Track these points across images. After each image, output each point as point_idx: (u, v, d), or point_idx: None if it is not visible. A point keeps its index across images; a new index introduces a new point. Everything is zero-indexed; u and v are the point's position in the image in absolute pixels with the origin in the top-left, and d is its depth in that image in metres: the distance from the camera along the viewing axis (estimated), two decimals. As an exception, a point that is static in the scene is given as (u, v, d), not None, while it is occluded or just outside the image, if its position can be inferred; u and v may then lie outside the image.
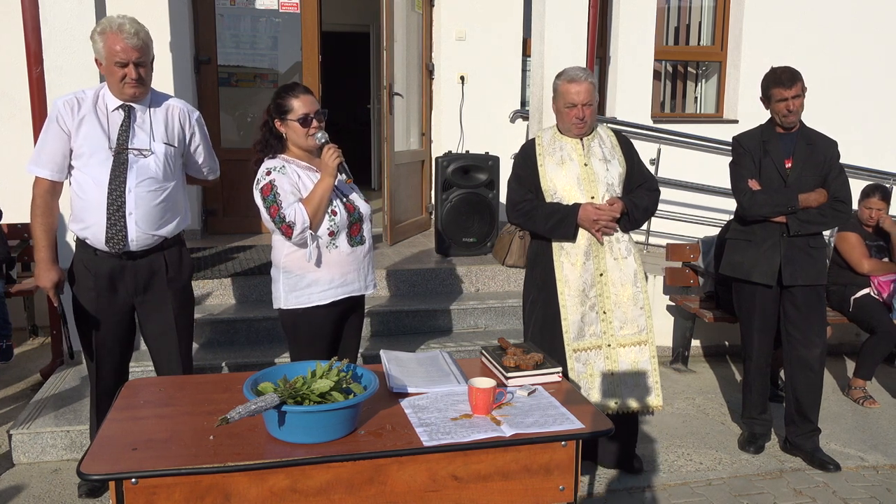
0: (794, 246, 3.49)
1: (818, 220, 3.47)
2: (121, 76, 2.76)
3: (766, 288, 3.55)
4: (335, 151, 2.75)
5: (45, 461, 3.46)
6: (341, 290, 2.89)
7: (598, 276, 3.21)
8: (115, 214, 2.79)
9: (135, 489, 1.72)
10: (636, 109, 6.36)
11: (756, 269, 3.54)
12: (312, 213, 2.74)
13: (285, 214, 2.72)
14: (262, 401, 1.82)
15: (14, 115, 5.08)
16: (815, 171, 3.48)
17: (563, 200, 3.18)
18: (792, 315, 3.57)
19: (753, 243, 3.56)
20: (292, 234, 2.74)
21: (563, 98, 3.13)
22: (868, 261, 4.58)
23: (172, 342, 3.02)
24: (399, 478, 1.87)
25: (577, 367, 3.20)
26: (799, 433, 3.64)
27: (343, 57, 9.97)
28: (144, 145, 2.84)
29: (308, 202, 2.75)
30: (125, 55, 2.73)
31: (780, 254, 3.49)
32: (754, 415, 3.75)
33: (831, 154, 3.52)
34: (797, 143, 3.50)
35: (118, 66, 2.75)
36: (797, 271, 3.48)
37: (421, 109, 6.19)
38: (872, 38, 6.73)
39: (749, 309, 3.64)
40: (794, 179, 3.47)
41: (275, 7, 5.76)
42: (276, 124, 2.85)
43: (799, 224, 3.45)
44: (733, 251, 3.66)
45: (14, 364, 4.47)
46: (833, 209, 3.48)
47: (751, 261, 3.55)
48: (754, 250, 3.55)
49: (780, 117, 3.48)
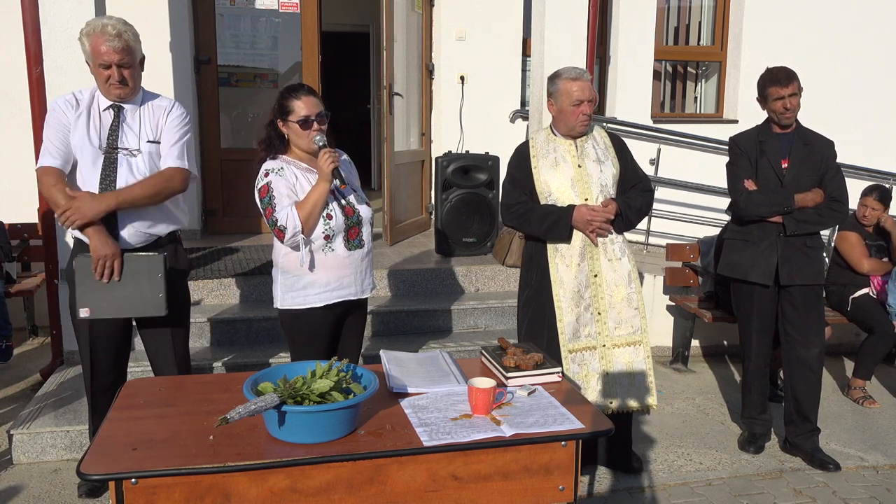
0: (791, 246, 3.49)
1: (814, 219, 3.47)
2: (105, 77, 2.78)
3: (764, 288, 3.55)
4: (331, 156, 2.73)
5: (45, 461, 3.46)
6: (336, 294, 2.88)
7: (592, 278, 3.22)
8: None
9: (135, 489, 1.72)
10: (636, 109, 6.36)
11: (753, 269, 3.54)
12: (305, 218, 2.73)
13: (277, 218, 2.73)
14: (262, 401, 1.82)
15: (14, 115, 5.08)
16: (811, 170, 3.48)
17: (557, 202, 3.18)
18: (790, 315, 3.57)
19: (750, 243, 3.56)
20: (284, 237, 2.75)
21: (567, 97, 3.13)
22: (868, 260, 4.59)
23: (168, 342, 3.03)
24: (399, 478, 1.87)
25: (573, 368, 3.21)
26: (798, 433, 3.64)
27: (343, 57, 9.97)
28: (133, 145, 2.86)
29: (301, 206, 2.74)
30: (108, 57, 2.75)
31: (777, 253, 3.49)
32: (754, 415, 3.75)
33: (828, 154, 3.52)
34: (794, 143, 3.51)
35: (102, 68, 2.77)
36: (794, 271, 3.49)
37: (421, 109, 6.19)
38: (872, 37, 6.73)
39: (747, 309, 3.65)
40: (790, 179, 3.47)
41: (275, 7, 5.76)
42: (279, 125, 2.85)
43: (795, 224, 3.45)
44: (731, 251, 3.66)
45: (14, 364, 4.47)
46: (830, 209, 3.48)
47: (748, 261, 3.56)
48: (751, 250, 3.55)
49: (777, 116, 3.48)
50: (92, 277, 2.78)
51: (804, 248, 3.50)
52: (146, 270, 2.83)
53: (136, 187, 2.81)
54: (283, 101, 2.83)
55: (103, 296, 2.81)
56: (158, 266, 2.84)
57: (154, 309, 2.86)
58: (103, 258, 2.75)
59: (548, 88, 3.23)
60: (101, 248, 2.74)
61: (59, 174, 2.77)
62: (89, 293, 2.80)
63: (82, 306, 2.80)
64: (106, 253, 2.75)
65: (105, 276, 2.77)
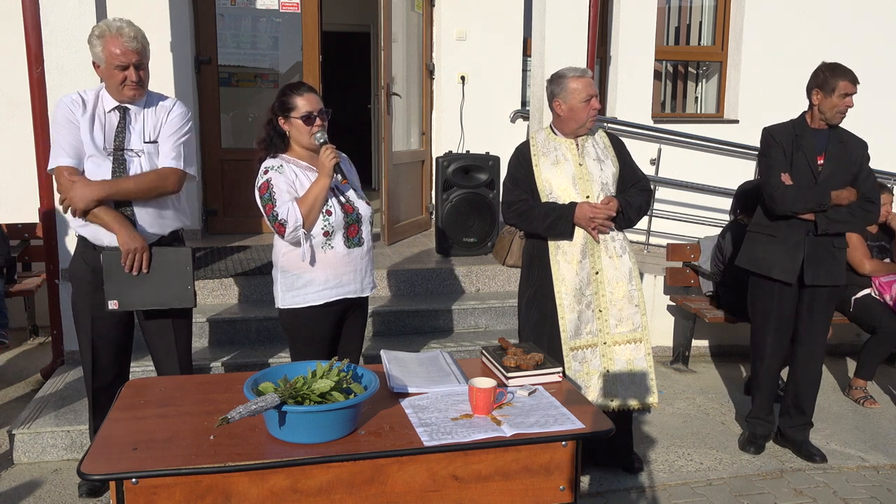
0: (818, 245, 3.43)
1: (847, 219, 3.41)
2: (121, 79, 2.79)
3: (786, 286, 3.49)
4: (332, 152, 2.75)
5: (46, 461, 3.46)
6: (336, 292, 2.88)
7: (593, 275, 3.22)
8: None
9: (135, 489, 1.72)
10: (636, 109, 6.36)
11: (777, 266, 3.48)
12: (306, 212, 2.74)
13: (278, 212, 2.74)
14: (262, 401, 1.82)
15: (14, 115, 5.08)
16: (846, 169, 3.43)
17: (558, 200, 3.19)
18: (804, 313, 3.55)
19: (777, 239, 3.49)
20: (285, 232, 2.75)
21: (577, 94, 3.14)
22: (870, 261, 4.58)
23: (171, 341, 3.04)
24: (399, 478, 1.87)
25: (574, 366, 3.21)
26: (792, 424, 3.66)
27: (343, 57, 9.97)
28: (138, 146, 2.88)
29: (302, 201, 2.76)
30: (125, 58, 2.77)
31: (804, 252, 3.44)
32: (761, 415, 3.73)
33: (862, 153, 3.48)
34: (830, 140, 3.44)
35: (118, 70, 2.78)
36: (819, 271, 3.44)
37: (421, 109, 6.19)
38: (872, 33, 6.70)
39: (766, 307, 3.58)
40: (825, 176, 3.41)
41: (275, 7, 5.76)
42: (280, 122, 2.86)
43: (827, 222, 3.39)
44: (755, 245, 3.58)
45: (14, 364, 4.47)
46: (862, 209, 3.42)
47: (773, 257, 3.49)
48: (778, 246, 3.48)
49: (834, 112, 3.38)
50: (120, 271, 2.83)
51: (831, 248, 3.45)
52: (174, 263, 2.90)
53: (129, 180, 2.83)
54: (284, 99, 2.83)
55: (132, 289, 2.86)
56: (187, 259, 2.91)
57: (182, 301, 2.93)
58: (133, 251, 2.80)
59: (551, 90, 3.22)
60: (131, 242, 2.80)
61: (74, 173, 2.80)
62: (118, 286, 2.85)
63: (111, 299, 2.86)
64: (136, 246, 2.80)
65: (134, 268, 2.83)
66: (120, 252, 2.81)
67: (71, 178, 2.77)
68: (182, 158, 2.95)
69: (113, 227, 2.79)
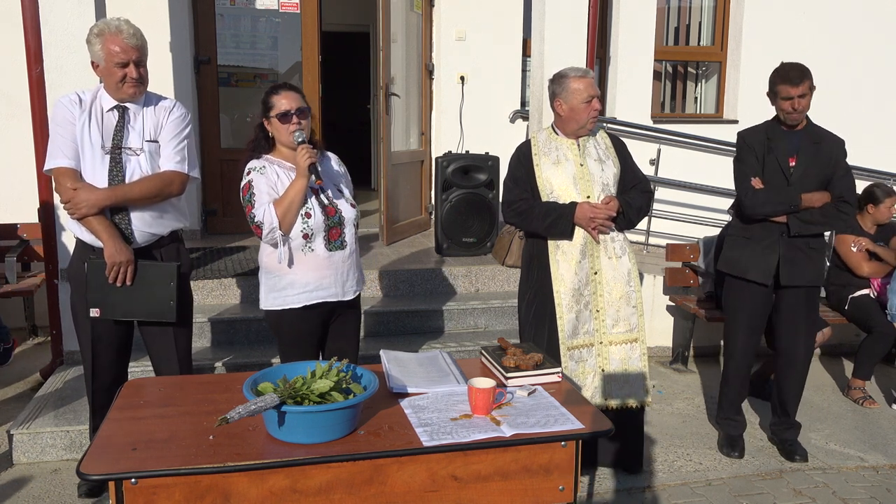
0: (793, 246, 3.45)
1: (819, 220, 3.40)
2: (121, 76, 2.79)
3: (760, 287, 3.52)
4: (308, 152, 2.71)
5: (45, 461, 3.46)
6: (316, 295, 2.86)
7: (592, 275, 3.23)
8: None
9: (134, 489, 1.72)
10: (636, 109, 6.36)
11: (752, 268, 3.50)
12: (282, 215, 2.73)
13: (255, 214, 2.74)
14: (261, 401, 1.82)
15: (14, 114, 5.08)
16: (819, 169, 3.41)
17: (559, 199, 3.19)
18: (784, 313, 3.56)
19: (752, 241, 3.52)
20: (262, 234, 2.76)
21: (578, 94, 3.14)
22: (868, 263, 4.58)
23: (170, 341, 3.03)
24: (399, 478, 1.87)
25: (571, 365, 3.22)
26: (779, 424, 3.71)
27: (343, 57, 9.97)
28: (137, 145, 2.87)
29: (279, 203, 2.75)
30: (125, 55, 2.77)
31: (779, 253, 3.46)
32: (731, 415, 3.72)
33: (838, 153, 3.44)
34: (802, 141, 3.43)
35: (118, 67, 2.78)
36: (795, 272, 3.45)
37: (421, 109, 6.19)
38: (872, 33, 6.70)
39: (738, 306, 3.61)
40: (797, 178, 3.41)
41: (275, 7, 5.76)
42: (265, 123, 2.87)
43: (799, 224, 3.39)
44: (731, 248, 3.62)
45: (14, 364, 4.47)
46: (836, 210, 3.39)
47: (748, 258, 3.52)
48: (752, 248, 3.51)
49: (783, 115, 3.41)
50: (105, 280, 2.83)
51: (806, 249, 3.45)
52: (158, 278, 2.90)
53: (134, 186, 2.82)
54: (265, 99, 2.86)
55: (114, 299, 2.87)
56: (171, 275, 2.91)
57: (163, 315, 2.93)
58: (118, 265, 2.81)
59: (553, 90, 3.22)
60: (117, 255, 2.80)
61: (73, 174, 2.79)
62: (101, 295, 2.86)
63: (93, 307, 2.87)
64: (121, 260, 2.81)
65: (118, 281, 2.83)
66: (105, 262, 2.81)
67: (73, 186, 2.76)
68: (185, 161, 2.96)
69: (102, 237, 2.79)
